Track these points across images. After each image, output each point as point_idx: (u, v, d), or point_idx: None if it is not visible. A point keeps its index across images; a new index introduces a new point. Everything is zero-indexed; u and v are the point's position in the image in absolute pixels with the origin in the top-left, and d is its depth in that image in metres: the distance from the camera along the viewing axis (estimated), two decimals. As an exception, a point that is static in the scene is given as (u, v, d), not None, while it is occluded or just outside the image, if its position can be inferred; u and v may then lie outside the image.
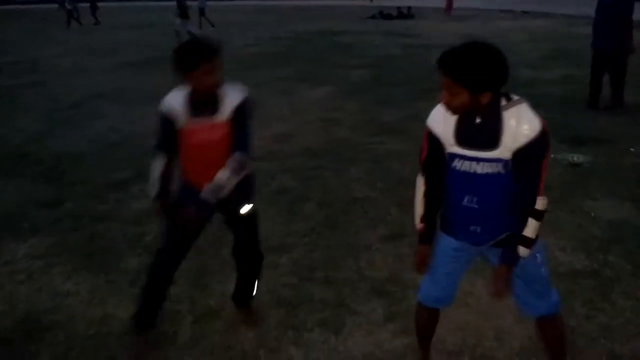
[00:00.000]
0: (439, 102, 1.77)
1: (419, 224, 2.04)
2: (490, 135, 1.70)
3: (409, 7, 25.04)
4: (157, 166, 2.35)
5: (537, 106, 1.77)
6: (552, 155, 4.73)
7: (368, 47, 13.49)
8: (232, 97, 2.25)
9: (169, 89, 2.30)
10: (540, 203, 1.77)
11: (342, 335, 2.58)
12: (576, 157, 4.67)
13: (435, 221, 2.03)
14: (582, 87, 7.80)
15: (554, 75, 8.75)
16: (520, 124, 1.67)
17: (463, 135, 1.77)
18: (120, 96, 8.33)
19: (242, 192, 2.39)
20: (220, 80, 2.21)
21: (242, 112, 2.25)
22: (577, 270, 3.05)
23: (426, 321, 2.20)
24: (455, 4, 25.76)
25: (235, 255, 2.65)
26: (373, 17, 24.09)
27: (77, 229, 3.79)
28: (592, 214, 3.72)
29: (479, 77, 1.63)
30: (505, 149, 1.68)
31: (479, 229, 1.87)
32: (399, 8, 24.91)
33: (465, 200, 1.84)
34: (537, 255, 1.91)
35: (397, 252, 3.34)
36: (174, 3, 17.01)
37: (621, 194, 4.04)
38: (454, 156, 1.80)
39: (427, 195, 1.98)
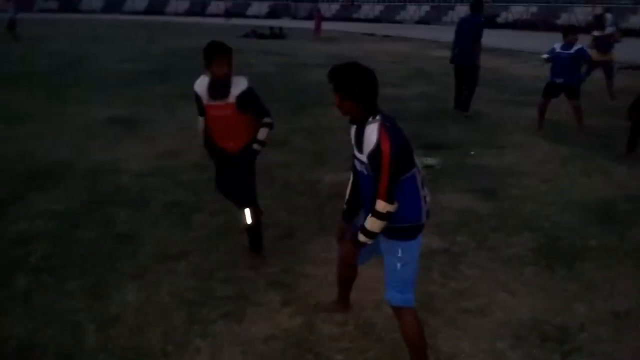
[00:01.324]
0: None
1: (343, 206, 2.61)
2: (359, 142, 2.23)
3: (281, 28, 26.02)
4: (200, 125, 3.40)
5: (400, 119, 2.31)
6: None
7: (244, 65, 13.85)
8: (237, 87, 3.17)
9: (32, 108, 2.48)
10: (380, 204, 2.15)
11: (244, 323, 2.87)
12: (429, 160, 5.53)
13: (356, 203, 2.52)
14: (435, 102, 9.06)
15: (412, 92, 9.95)
16: (369, 137, 2.16)
17: (355, 139, 2.30)
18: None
19: (243, 151, 3.34)
20: (229, 73, 3.11)
21: (244, 98, 3.18)
22: (433, 249, 3.71)
23: (343, 272, 2.77)
24: (325, 26, 27.37)
25: (233, 195, 3.57)
26: (246, 35, 24.58)
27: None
28: (443, 205, 4.49)
29: (341, 84, 2.18)
30: (364, 154, 2.19)
31: (364, 211, 2.37)
32: (271, 28, 25.76)
33: (361, 191, 2.39)
34: (399, 249, 2.30)
35: (289, 249, 3.73)
36: None
37: (465, 188, 4.91)
38: (352, 155, 2.37)
39: (352, 182, 2.54)
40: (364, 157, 2.20)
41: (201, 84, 3.23)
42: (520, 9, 34.84)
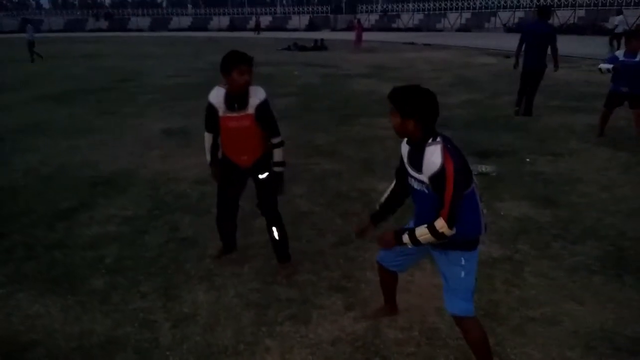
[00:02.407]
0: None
1: (376, 207, 2.70)
2: (417, 162, 2.27)
3: (322, 40, 26.35)
4: (207, 141, 3.39)
5: (444, 127, 2.35)
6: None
7: (289, 77, 14.13)
8: (255, 97, 3.14)
9: (90, 121, 2.66)
10: (439, 223, 2.19)
11: (310, 325, 2.94)
12: (484, 168, 5.47)
13: (388, 210, 2.67)
14: (481, 110, 8.94)
15: (456, 100, 9.87)
16: (431, 158, 2.19)
17: (409, 157, 2.37)
18: (44, 129, 8.11)
19: (261, 164, 3.36)
20: (249, 82, 3.07)
21: (262, 107, 3.16)
22: (494, 258, 3.68)
23: (381, 276, 2.84)
24: (365, 37, 27.53)
25: (261, 211, 3.57)
26: (288, 48, 25.03)
27: (32, 258, 3.81)
28: (502, 213, 4.44)
29: (403, 104, 2.23)
30: (424, 175, 2.23)
31: (415, 220, 2.44)
32: (315, 41, 26.13)
33: (415, 205, 2.46)
34: (462, 258, 2.35)
35: (346, 255, 3.78)
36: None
37: (522, 196, 4.83)
38: (406, 171, 2.41)
39: (392, 191, 2.65)
40: (423, 178, 2.23)
41: (217, 95, 3.15)
42: (567, 13, 33.93)
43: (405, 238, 2.35)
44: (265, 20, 50.62)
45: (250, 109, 3.13)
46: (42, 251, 3.92)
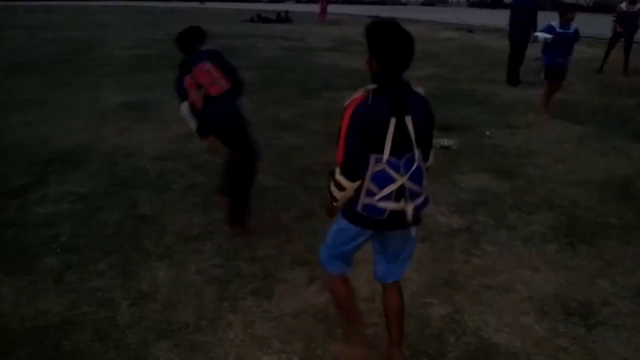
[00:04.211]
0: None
1: None
2: None
3: (287, 12, 25.82)
4: (185, 108, 3.60)
5: None
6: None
7: (252, 49, 13.81)
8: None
9: (44, 95, 2.54)
10: (335, 171, 2.06)
11: (273, 299, 2.94)
12: (446, 141, 5.54)
13: None
14: (446, 83, 9.03)
15: (422, 73, 9.90)
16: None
17: None
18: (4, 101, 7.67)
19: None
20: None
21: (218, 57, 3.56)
22: (454, 228, 3.76)
23: (347, 290, 2.37)
24: (330, 9, 27.14)
25: (227, 170, 3.77)
26: (251, 20, 24.42)
27: (-18, 238, 3.64)
28: (462, 185, 4.53)
29: (368, 41, 1.98)
30: None
31: None
32: (278, 13, 25.56)
33: None
34: (333, 225, 2.26)
35: (310, 229, 3.77)
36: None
37: (481, 168, 4.94)
38: None
39: None
40: None
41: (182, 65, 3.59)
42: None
43: (329, 198, 2.13)
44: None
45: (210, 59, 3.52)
46: (-3, 231, 3.74)
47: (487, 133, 6.06)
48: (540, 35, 6.62)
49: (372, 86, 1.97)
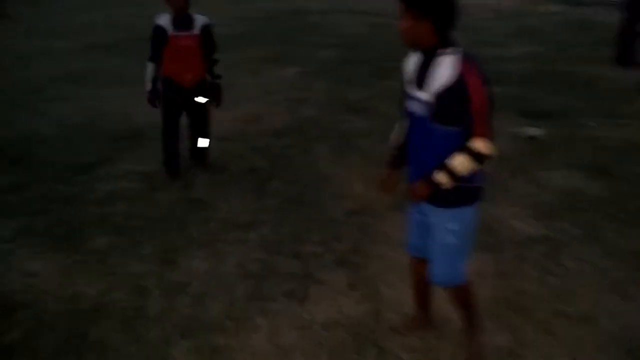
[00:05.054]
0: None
1: (390, 151, 2.23)
2: (422, 77, 1.87)
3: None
4: (150, 71, 3.89)
5: (499, 82, 1.89)
6: (510, 129, 4.95)
7: (336, 26, 13.43)
8: (200, 20, 3.83)
9: (139, 71, 2.58)
10: (480, 144, 1.81)
11: (306, 304, 2.68)
12: (532, 130, 4.86)
13: (405, 153, 2.13)
14: (544, 64, 8.05)
15: (516, 52, 8.94)
16: (439, 70, 1.80)
17: (414, 74, 1.93)
18: (88, 79, 8.10)
19: (201, 87, 3.97)
20: (189, 4, 3.76)
21: (207, 30, 3.88)
22: (530, 237, 3.23)
23: (413, 270, 2.29)
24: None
25: (190, 132, 4.23)
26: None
27: (45, 211, 3.75)
28: (546, 183, 3.92)
29: (418, 2, 1.79)
30: (427, 92, 1.83)
31: (412, 169, 2.04)
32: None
33: (410, 140, 2.04)
34: (448, 224, 1.97)
35: (361, 225, 3.46)
36: None
37: (573, 165, 4.25)
38: (408, 95, 1.98)
39: (400, 130, 2.16)
40: (427, 95, 1.84)
41: (164, 18, 3.72)
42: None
43: (441, 176, 1.87)
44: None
45: (196, 30, 3.77)
46: (57, 205, 3.85)
47: (588, 123, 5.24)
48: None
49: (453, 49, 1.82)
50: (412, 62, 1.99)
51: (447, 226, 1.96)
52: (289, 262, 3.07)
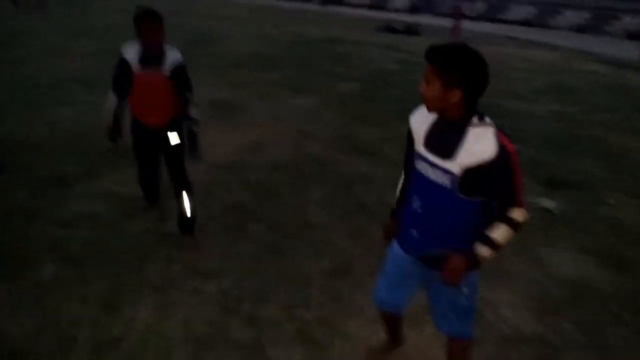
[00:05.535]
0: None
1: (394, 205, 2.18)
2: (449, 146, 1.75)
3: (417, 24, 24.89)
4: (111, 102, 3.26)
5: (519, 140, 1.57)
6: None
7: (364, 58, 13.25)
8: (171, 58, 3.12)
9: None
10: (520, 214, 1.78)
11: (247, 387, 2.32)
12: (547, 202, 4.43)
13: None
14: (572, 126, 7.61)
15: (544, 110, 8.53)
16: (476, 145, 1.70)
17: (430, 137, 1.83)
18: (101, 83, 7.98)
19: (172, 126, 3.30)
20: (163, 39, 3.06)
21: (178, 70, 3.16)
22: (523, 334, 2.80)
23: (385, 319, 2.36)
24: (466, 26, 25.66)
25: (170, 180, 3.50)
26: (378, 29, 23.91)
27: (5, 227, 3.50)
28: (549, 265, 3.48)
29: (452, 69, 1.67)
30: (456, 164, 1.73)
31: (415, 233, 1.93)
32: (407, 24, 24.76)
33: (414, 201, 1.91)
34: (464, 288, 1.94)
35: (335, 290, 3.09)
36: None
37: (586, 247, 3.80)
38: (418, 156, 1.88)
39: (402, 190, 2.11)
40: (453, 167, 1.75)
41: (131, 51, 3.09)
42: None
43: (484, 250, 1.80)
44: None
45: (165, 69, 3.10)
46: (18, 221, 3.61)
47: (608, 200, 4.78)
48: None
49: (484, 118, 1.76)
50: (422, 120, 1.88)
51: (458, 291, 1.93)
52: (241, 327, 2.71)
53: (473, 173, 1.71)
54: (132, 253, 3.32)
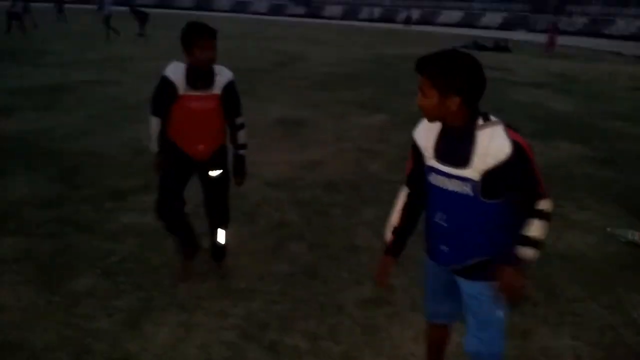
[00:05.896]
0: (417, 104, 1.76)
1: (389, 235, 2.01)
2: (462, 153, 1.69)
3: (507, 40, 23.74)
4: (155, 126, 2.87)
5: (610, 163, 1.26)
6: (608, 229, 3.92)
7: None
8: (223, 75, 2.81)
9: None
10: (548, 204, 1.72)
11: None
12: (635, 235, 3.77)
13: (407, 238, 2.01)
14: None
15: (645, 129, 7.55)
16: (489, 146, 1.64)
17: (440, 149, 1.77)
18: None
19: (217, 158, 2.94)
20: (214, 58, 2.71)
21: (230, 89, 2.84)
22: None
23: (432, 337, 2.20)
24: (561, 41, 24.02)
25: (207, 213, 3.14)
26: (466, 46, 23.08)
27: (52, 236, 3.64)
28: (632, 314, 2.90)
29: (446, 77, 1.64)
30: (474, 170, 1.68)
31: (445, 248, 1.85)
32: (496, 40, 23.70)
33: (437, 216, 1.83)
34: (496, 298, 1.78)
35: (369, 322, 2.80)
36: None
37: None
38: (430, 169, 1.81)
39: (406, 209, 1.98)
40: (471, 174, 1.68)
41: (176, 70, 2.72)
42: None
43: (528, 251, 1.71)
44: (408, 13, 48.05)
45: (217, 89, 2.78)
46: (68, 231, 3.74)
47: None
48: None
49: (488, 117, 1.71)
50: (427, 133, 1.81)
51: (495, 300, 1.79)
52: (259, 356, 2.51)
53: (493, 175, 1.66)
54: (167, 269, 3.28)
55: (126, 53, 15.08)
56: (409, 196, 1.96)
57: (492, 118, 1.69)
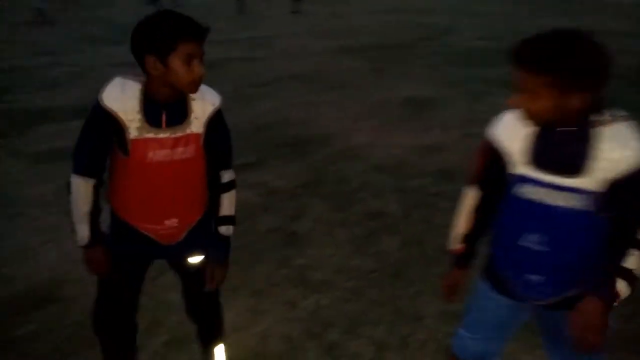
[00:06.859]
0: (508, 106, 1.43)
1: (457, 244, 1.69)
2: (573, 157, 1.35)
3: None
4: (80, 194, 1.64)
5: None
6: None
7: (619, 53, 10.77)
8: (207, 101, 1.64)
9: (357, 77, 2.15)
10: None
11: None
12: None
13: (478, 245, 1.69)
14: None
15: None
16: (618, 148, 1.31)
17: (538, 153, 1.42)
18: (312, 81, 8.42)
19: (196, 236, 1.78)
20: (204, 76, 1.53)
21: (217, 122, 1.67)
22: None
23: None
24: None
25: (189, 313, 2.02)
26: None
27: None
28: None
29: (572, 71, 1.26)
30: (592, 178, 1.34)
31: (537, 278, 1.47)
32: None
33: (527, 239, 1.46)
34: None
35: (446, 340, 2.43)
36: None
37: None
38: (522, 179, 1.45)
39: (478, 211, 1.64)
40: (585, 184, 1.35)
41: (121, 95, 1.53)
42: None
43: (623, 288, 1.38)
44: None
45: (197, 125, 1.62)
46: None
47: None
48: None
49: (622, 118, 1.35)
50: (513, 133, 1.45)
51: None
52: (317, 356, 2.35)
53: (619, 186, 1.33)
54: (249, 250, 3.27)
55: (278, 30, 15.66)
56: (482, 200, 1.64)
57: (618, 112, 1.35)
